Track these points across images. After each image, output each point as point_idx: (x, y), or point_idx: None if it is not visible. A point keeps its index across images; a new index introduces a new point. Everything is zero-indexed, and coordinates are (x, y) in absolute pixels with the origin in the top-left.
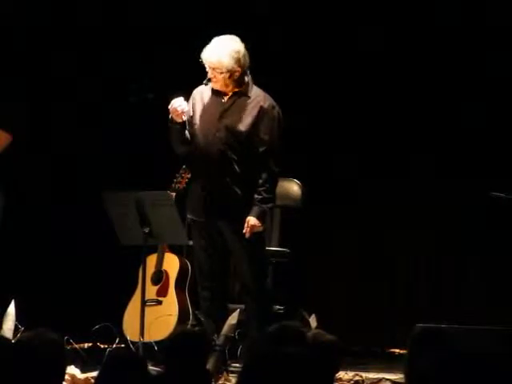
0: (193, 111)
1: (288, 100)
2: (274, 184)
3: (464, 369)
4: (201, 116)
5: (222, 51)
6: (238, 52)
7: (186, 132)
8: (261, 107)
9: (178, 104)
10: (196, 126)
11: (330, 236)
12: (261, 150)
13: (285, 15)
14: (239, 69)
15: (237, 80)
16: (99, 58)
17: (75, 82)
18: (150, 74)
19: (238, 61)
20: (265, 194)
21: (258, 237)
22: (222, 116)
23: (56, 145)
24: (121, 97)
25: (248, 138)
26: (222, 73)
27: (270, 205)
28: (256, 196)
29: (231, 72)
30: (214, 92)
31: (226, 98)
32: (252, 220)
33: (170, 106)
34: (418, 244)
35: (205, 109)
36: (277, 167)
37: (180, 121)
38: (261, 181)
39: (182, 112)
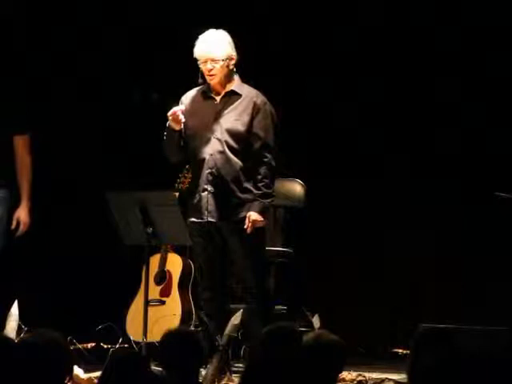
0: (184, 117)
1: (288, 100)
2: (273, 179)
3: (466, 368)
4: (194, 120)
5: (219, 39)
6: (231, 41)
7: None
8: (254, 103)
9: (178, 108)
10: (190, 131)
11: (333, 236)
12: (256, 145)
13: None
14: (234, 58)
15: (231, 72)
16: (100, 58)
17: (76, 81)
18: (152, 74)
19: (233, 48)
20: (265, 189)
21: (259, 236)
22: (216, 117)
23: (57, 145)
24: (123, 97)
25: (246, 136)
26: (222, 60)
27: (269, 200)
28: (256, 191)
29: (229, 59)
30: (205, 95)
31: (218, 99)
32: (253, 215)
33: (169, 113)
34: (419, 244)
35: (197, 112)
36: (275, 161)
37: (178, 128)
38: (259, 176)
39: (181, 119)
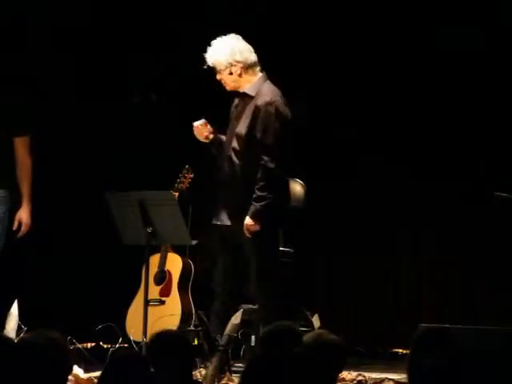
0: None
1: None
2: (270, 181)
3: (466, 368)
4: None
5: (217, 48)
6: (233, 46)
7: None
8: (255, 106)
9: (197, 123)
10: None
11: (333, 236)
12: (257, 148)
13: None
14: (237, 64)
15: (242, 77)
16: (100, 58)
17: (76, 81)
18: (152, 74)
19: (233, 55)
20: (259, 192)
21: (260, 237)
22: (235, 121)
23: (57, 145)
24: (123, 97)
25: (247, 139)
26: (223, 70)
27: (263, 203)
28: (253, 195)
29: (230, 67)
30: (237, 98)
31: (238, 102)
32: (246, 219)
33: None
34: (420, 244)
35: (231, 117)
36: (273, 163)
37: (206, 140)
38: (257, 179)
39: (208, 132)
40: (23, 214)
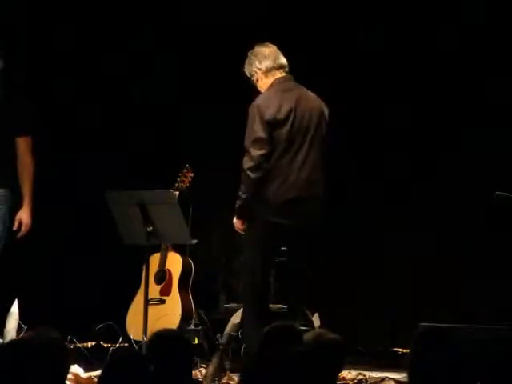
0: None
1: None
2: (243, 181)
3: (466, 369)
4: None
5: (246, 60)
6: (254, 55)
7: None
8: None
9: None
10: None
11: (333, 235)
12: None
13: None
14: (258, 71)
15: (264, 82)
16: (100, 58)
17: (75, 81)
18: (151, 74)
19: (253, 63)
20: (239, 192)
21: (246, 237)
22: None
23: (56, 144)
24: (122, 96)
25: None
26: (252, 79)
27: (239, 202)
28: None
29: (255, 75)
30: None
31: None
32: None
33: None
34: (419, 244)
35: None
36: (246, 164)
37: None
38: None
39: None
40: (23, 215)
